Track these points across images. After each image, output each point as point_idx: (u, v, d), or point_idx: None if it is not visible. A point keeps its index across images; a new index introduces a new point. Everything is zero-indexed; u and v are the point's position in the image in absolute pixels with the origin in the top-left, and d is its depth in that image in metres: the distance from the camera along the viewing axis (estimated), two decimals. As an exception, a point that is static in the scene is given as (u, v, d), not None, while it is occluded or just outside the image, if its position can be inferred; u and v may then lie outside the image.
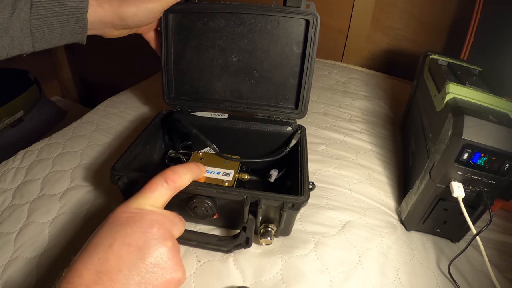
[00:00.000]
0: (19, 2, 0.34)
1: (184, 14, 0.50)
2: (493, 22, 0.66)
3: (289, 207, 0.36)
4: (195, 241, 0.39)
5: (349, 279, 0.38)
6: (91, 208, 0.46)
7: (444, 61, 0.56)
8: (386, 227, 0.45)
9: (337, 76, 0.92)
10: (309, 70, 0.49)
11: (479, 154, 0.36)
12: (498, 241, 0.47)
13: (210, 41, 0.50)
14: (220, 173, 0.44)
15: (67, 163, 0.55)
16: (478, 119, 0.36)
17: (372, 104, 0.78)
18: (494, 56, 0.63)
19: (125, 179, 0.39)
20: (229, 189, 0.38)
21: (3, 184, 0.52)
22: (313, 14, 0.46)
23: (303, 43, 0.48)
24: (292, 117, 0.52)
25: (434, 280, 0.40)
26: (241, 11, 0.48)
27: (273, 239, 0.39)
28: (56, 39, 0.38)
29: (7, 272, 0.40)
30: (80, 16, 0.38)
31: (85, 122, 0.67)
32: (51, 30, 0.37)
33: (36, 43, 0.37)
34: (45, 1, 0.35)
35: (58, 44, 0.39)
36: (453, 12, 0.88)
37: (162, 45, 0.51)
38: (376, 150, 0.62)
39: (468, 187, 0.39)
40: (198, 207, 0.39)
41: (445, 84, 0.43)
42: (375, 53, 1.04)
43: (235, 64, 0.52)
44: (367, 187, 0.52)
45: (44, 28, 0.36)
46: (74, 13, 0.37)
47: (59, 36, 0.38)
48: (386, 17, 0.97)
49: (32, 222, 0.45)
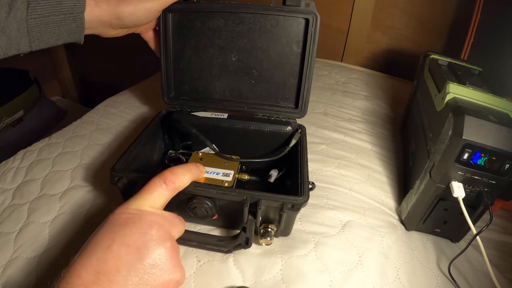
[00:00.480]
0: (16, 2, 0.34)
1: (183, 14, 0.49)
2: (493, 22, 0.66)
3: (289, 207, 0.36)
4: (195, 242, 0.39)
5: (349, 279, 0.38)
6: (91, 208, 0.46)
7: (444, 61, 0.56)
8: (386, 227, 0.45)
9: (337, 76, 0.92)
10: (309, 69, 0.49)
11: (479, 154, 0.36)
12: (498, 241, 0.47)
13: (209, 40, 0.50)
14: (219, 173, 0.44)
15: (67, 163, 0.55)
16: (478, 119, 0.36)
17: (372, 104, 0.78)
18: (494, 56, 0.63)
19: (125, 180, 0.39)
20: (229, 189, 0.38)
21: (3, 184, 0.52)
22: (313, 13, 0.46)
23: (303, 42, 0.48)
24: (292, 117, 0.52)
25: (434, 280, 0.40)
26: (240, 10, 0.48)
27: (273, 240, 0.39)
28: (54, 38, 0.38)
29: (7, 272, 0.40)
30: (77, 15, 0.37)
31: (85, 122, 0.67)
32: (48, 30, 0.37)
33: (33, 42, 0.37)
34: (42, 0, 0.35)
35: (56, 44, 0.39)
36: (453, 12, 0.88)
37: (161, 44, 0.51)
38: (376, 150, 0.62)
39: (468, 187, 0.39)
40: (198, 208, 0.39)
41: (446, 84, 0.43)
42: (375, 53, 1.04)
43: (234, 63, 0.51)
44: (367, 187, 0.52)
45: (41, 27, 0.36)
46: (71, 12, 0.37)
47: (56, 35, 0.38)
48: (386, 17, 0.97)
49: (32, 222, 0.45)
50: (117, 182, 0.39)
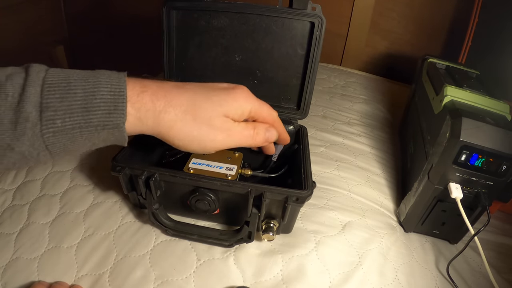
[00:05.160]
0: (23, 109, 0.24)
1: (187, 12, 0.49)
2: (490, 26, 0.67)
3: (294, 200, 0.36)
4: (196, 235, 0.39)
5: (349, 280, 0.39)
6: (92, 208, 0.47)
7: (442, 65, 0.56)
8: (386, 228, 0.46)
9: (336, 79, 0.93)
10: (313, 71, 0.49)
11: (476, 155, 0.37)
12: (497, 243, 0.47)
13: (213, 39, 0.50)
14: (223, 167, 0.44)
15: (67, 163, 0.55)
16: (475, 121, 0.36)
17: (371, 107, 0.79)
18: (491, 59, 0.64)
19: (127, 171, 0.39)
20: (233, 182, 0.38)
21: (3, 184, 0.52)
22: (319, 17, 0.46)
23: (307, 45, 0.48)
24: (294, 118, 0.52)
25: (433, 281, 0.40)
26: (245, 11, 0.48)
27: (275, 236, 0.39)
28: (86, 147, 0.29)
29: (7, 273, 0.39)
30: (116, 127, 0.27)
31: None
32: (76, 143, 0.27)
33: (58, 155, 0.28)
34: (60, 107, 0.25)
35: (89, 150, 0.31)
36: (451, 16, 0.89)
37: (164, 42, 0.51)
38: (375, 153, 0.62)
39: (466, 188, 0.39)
40: (200, 201, 0.39)
41: (443, 87, 0.44)
42: (374, 57, 1.04)
43: (238, 63, 0.51)
44: (366, 189, 0.53)
45: (65, 141, 0.27)
46: (105, 123, 0.27)
47: (89, 146, 0.29)
48: (385, 21, 0.98)
49: (32, 223, 0.45)
50: (118, 172, 0.38)
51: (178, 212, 0.44)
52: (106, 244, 0.41)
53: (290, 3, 0.46)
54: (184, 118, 0.29)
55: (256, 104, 0.35)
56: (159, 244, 0.41)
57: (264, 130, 0.36)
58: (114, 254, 0.40)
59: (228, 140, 0.32)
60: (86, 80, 0.26)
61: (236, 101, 0.32)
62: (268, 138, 0.37)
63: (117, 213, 0.45)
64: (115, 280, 0.38)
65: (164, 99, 0.28)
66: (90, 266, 0.39)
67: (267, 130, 0.36)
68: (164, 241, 0.41)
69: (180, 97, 0.29)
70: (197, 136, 0.30)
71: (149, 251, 0.40)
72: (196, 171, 0.42)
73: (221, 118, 0.32)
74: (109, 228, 0.43)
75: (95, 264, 0.40)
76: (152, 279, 0.38)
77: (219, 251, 0.40)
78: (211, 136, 0.31)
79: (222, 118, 0.32)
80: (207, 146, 0.31)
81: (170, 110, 0.29)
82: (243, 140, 0.34)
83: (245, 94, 0.34)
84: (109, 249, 0.41)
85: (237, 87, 0.34)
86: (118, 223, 0.44)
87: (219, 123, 0.31)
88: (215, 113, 0.31)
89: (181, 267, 0.39)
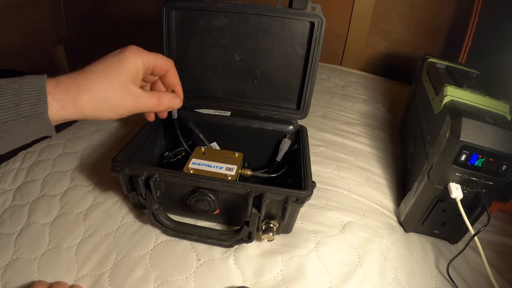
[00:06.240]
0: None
1: (187, 12, 0.49)
2: (490, 26, 0.67)
3: (293, 200, 0.36)
4: (195, 235, 0.39)
5: (349, 280, 0.39)
6: (92, 208, 0.47)
7: (442, 65, 0.56)
8: (386, 228, 0.46)
9: (336, 79, 0.93)
10: (312, 71, 0.49)
11: (476, 155, 0.37)
12: (496, 243, 0.47)
13: (213, 39, 0.50)
14: (223, 167, 0.44)
15: (67, 163, 0.55)
16: (475, 121, 0.36)
17: (371, 107, 0.79)
18: (491, 59, 0.64)
19: (127, 171, 0.39)
20: (233, 182, 0.38)
21: (3, 185, 0.52)
22: (319, 17, 0.46)
23: (307, 45, 0.48)
24: (294, 118, 0.52)
25: (433, 281, 0.40)
26: (245, 11, 0.48)
27: (275, 236, 0.39)
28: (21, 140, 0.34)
29: (7, 273, 0.40)
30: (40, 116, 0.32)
31: (85, 123, 0.67)
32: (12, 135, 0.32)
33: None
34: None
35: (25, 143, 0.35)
36: (451, 16, 0.89)
37: (164, 42, 0.51)
38: (375, 153, 0.62)
39: (466, 188, 0.39)
40: (200, 201, 0.39)
41: (443, 87, 0.44)
42: (374, 57, 1.04)
43: (238, 63, 0.52)
44: (366, 189, 0.53)
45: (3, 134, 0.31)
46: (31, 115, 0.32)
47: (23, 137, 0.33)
48: (385, 21, 0.98)
49: (32, 223, 0.45)
50: (118, 172, 0.39)
51: (178, 212, 0.44)
52: (106, 244, 0.41)
53: (290, 3, 0.46)
54: (95, 96, 0.35)
55: (148, 55, 0.38)
56: (159, 244, 0.41)
57: (168, 100, 0.40)
58: (114, 254, 0.40)
59: (136, 105, 0.37)
60: (14, 82, 0.31)
61: (128, 63, 0.36)
62: (171, 105, 0.40)
63: (117, 213, 0.45)
64: (115, 280, 0.38)
65: (75, 87, 0.34)
66: (90, 266, 0.39)
67: (170, 99, 0.40)
68: (164, 241, 0.41)
69: (86, 82, 0.34)
70: (111, 107, 0.36)
71: (149, 251, 0.40)
72: (196, 171, 0.42)
73: (124, 86, 0.36)
74: (109, 228, 0.43)
75: (95, 264, 0.40)
76: (152, 279, 0.38)
77: (219, 251, 0.40)
78: (121, 103, 0.36)
79: (125, 86, 0.36)
80: (120, 113, 0.37)
81: (82, 93, 0.34)
82: (149, 108, 0.39)
83: (133, 51, 0.37)
84: (109, 249, 0.41)
85: (125, 49, 0.37)
86: (118, 223, 0.44)
87: (125, 91, 0.36)
88: (117, 83, 0.36)
89: (181, 267, 0.39)
